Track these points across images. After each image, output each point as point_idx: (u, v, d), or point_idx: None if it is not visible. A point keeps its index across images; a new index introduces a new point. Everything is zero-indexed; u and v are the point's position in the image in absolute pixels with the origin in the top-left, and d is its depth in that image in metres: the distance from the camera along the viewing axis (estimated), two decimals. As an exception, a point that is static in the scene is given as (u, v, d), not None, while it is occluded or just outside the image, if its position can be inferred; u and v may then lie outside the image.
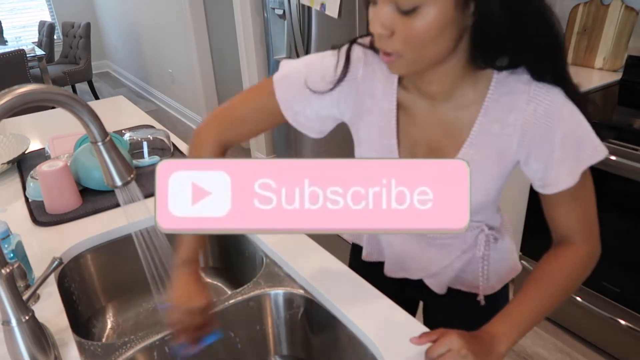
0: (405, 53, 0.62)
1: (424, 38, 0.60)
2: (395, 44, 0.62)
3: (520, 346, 1.88)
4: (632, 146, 1.49)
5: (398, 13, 0.59)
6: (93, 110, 0.64)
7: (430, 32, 0.59)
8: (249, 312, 0.95)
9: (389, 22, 0.60)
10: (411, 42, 0.61)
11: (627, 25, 1.93)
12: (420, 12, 0.58)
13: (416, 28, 0.59)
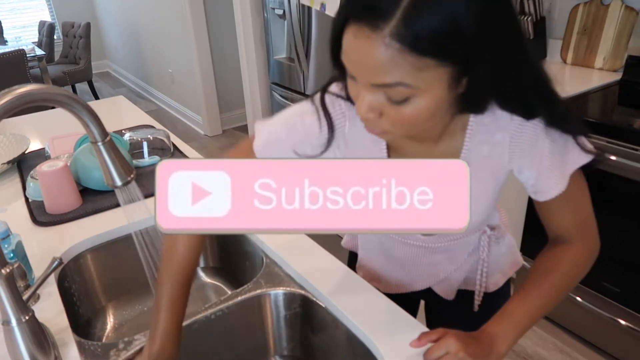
0: (395, 132, 0.60)
1: (416, 121, 0.57)
2: (384, 125, 0.59)
3: (520, 346, 1.88)
4: (632, 146, 1.49)
5: (388, 101, 0.56)
6: (93, 110, 0.64)
7: (423, 116, 0.57)
8: (249, 312, 0.95)
9: (376, 105, 0.57)
10: (403, 126, 0.58)
11: (627, 25, 1.93)
12: (411, 102, 0.55)
13: (408, 115, 0.56)
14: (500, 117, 0.67)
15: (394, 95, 0.55)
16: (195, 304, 1.17)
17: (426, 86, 0.53)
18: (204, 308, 0.91)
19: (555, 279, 0.75)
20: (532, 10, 2.15)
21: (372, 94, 0.56)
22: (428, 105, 0.55)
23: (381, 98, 0.56)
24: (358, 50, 0.53)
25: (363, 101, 0.57)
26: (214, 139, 4.15)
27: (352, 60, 0.55)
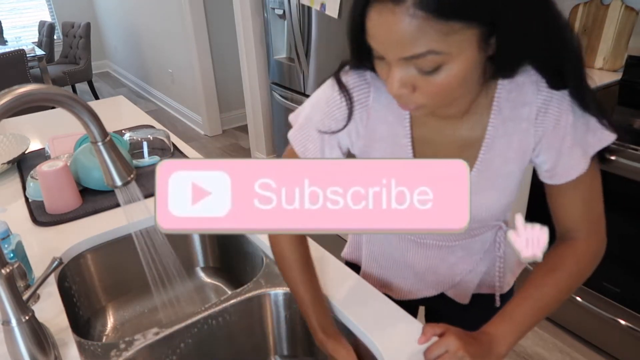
0: (430, 103, 0.59)
1: (450, 89, 0.57)
2: (419, 99, 0.59)
3: (521, 346, 1.88)
4: (632, 146, 1.49)
5: (420, 74, 0.56)
6: (93, 110, 0.64)
7: (456, 82, 0.56)
8: (249, 312, 0.95)
9: (409, 81, 0.57)
10: (437, 96, 0.58)
11: (627, 25, 1.93)
12: (443, 69, 0.55)
13: (441, 84, 0.56)
14: (527, 90, 0.66)
15: (425, 66, 0.54)
16: (195, 304, 1.17)
17: (457, 51, 0.53)
18: (204, 308, 0.91)
19: (559, 279, 0.73)
20: (532, 10, 2.14)
21: (402, 69, 0.56)
22: (460, 69, 0.55)
23: (412, 71, 0.56)
24: (385, 27, 0.53)
25: (394, 78, 0.57)
26: (214, 139, 4.15)
27: (379, 39, 0.55)
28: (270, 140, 3.43)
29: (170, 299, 1.11)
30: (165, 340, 0.86)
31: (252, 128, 3.49)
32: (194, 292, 1.22)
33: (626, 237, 1.59)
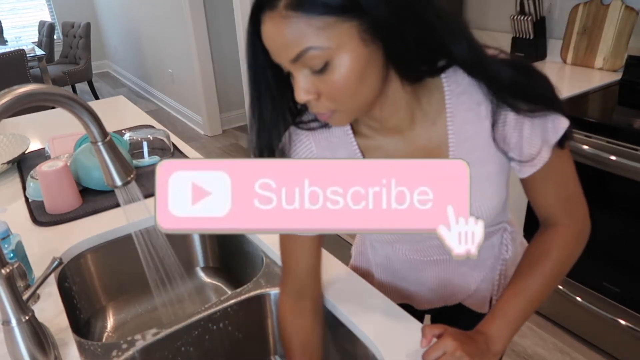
0: (339, 106, 0.60)
1: (349, 86, 0.58)
2: (326, 103, 0.60)
3: (520, 346, 1.88)
4: (632, 146, 1.49)
5: (314, 75, 0.57)
6: (93, 110, 0.64)
7: (352, 78, 0.57)
8: (249, 312, 0.95)
9: (309, 86, 0.58)
10: (339, 96, 0.59)
11: (627, 25, 1.93)
12: (333, 66, 0.56)
13: (337, 81, 0.57)
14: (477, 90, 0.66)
15: (314, 64, 0.56)
16: (195, 304, 1.17)
17: (337, 44, 0.54)
18: (204, 308, 0.91)
19: (546, 268, 0.73)
20: (532, 10, 2.15)
21: (300, 75, 0.58)
22: (349, 64, 0.56)
23: (307, 74, 0.57)
24: (269, 35, 0.57)
25: (297, 87, 0.59)
26: (214, 139, 4.15)
27: (271, 48, 0.58)
28: (270, 140, 3.42)
29: (170, 299, 1.11)
30: (165, 340, 0.86)
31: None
32: (194, 292, 1.22)
33: (626, 237, 1.59)
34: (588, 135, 1.59)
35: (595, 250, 1.69)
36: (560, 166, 0.71)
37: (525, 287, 0.72)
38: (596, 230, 1.82)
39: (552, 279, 0.73)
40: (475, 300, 0.93)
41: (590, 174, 1.61)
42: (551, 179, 0.71)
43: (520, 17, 2.18)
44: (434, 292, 0.93)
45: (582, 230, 0.75)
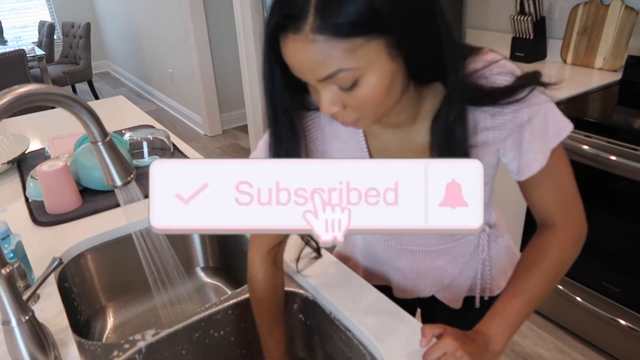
0: (365, 115, 0.62)
1: (376, 101, 0.59)
2: (352, 114, 0.61)
3: (520, 346, 1.88)
4: (632, 146, 1.49)
5: (342, 91, 0.58)
6: (93, 110, 0.64)
7: (380, 93, 0.58)
8: (249, 312, 0.95)
9: (336, 99, 0.59)
10: (366, 108, 0.60)
11: (627, 25, 1.93)
12: (362, 83, 0.56)
13: (365, 96, 0.58)
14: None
15: (343, 83, 0.56)
16: (195, 304, 1.17)
17: (366, 64, 0.55)
18: (204, 308, 0.91)
19: (544, 269, 0.73)
20: (532, 10, 2.15)
21: (326, 90, 0.58)
22: (378, 80, 0.57)
23: (335, 90, 0.58)
24: (294, 56, 0.56)
25: (322, 101, 0.59)
26: (214, 139, 4.15)
27: (294, 68, 0.57)
28: (270, 140, 3.42)
29: (170, 299, 1.11)
30: (165, 340, 0.86)
31: (252, 128, 3.49)
32: (194, 292, 1.22)
33: (626, 237, 1.59)
34: (588, 135, 1.59)
35: (595, 250, 1.69)
36: (557, 168, 0.71)
37: (524, 287, 0.73)
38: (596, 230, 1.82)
39: (551, 279, 0.74)
40: (449, 294, 0.95)
41: (590, 174, 1.61)
42: (549, 180, 0.72)
43: (520, 17, 2.18)
44: (408, 281, 0.94)
45: (579, 231, 0.76)
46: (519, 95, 0.64)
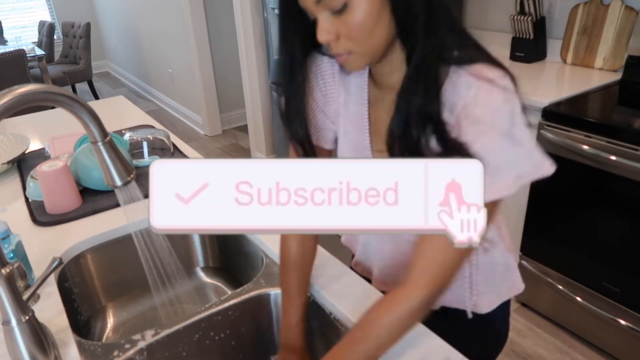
0: (355, 48, 0.66)
1: (365, 29, 0.63)
2: (344, 44, 0.65)
3: (520, 346, 1.88)
4: (632, 146, 1.49)
5: (334, 16, 0.63)
6: (93, 110, 0.64)
7: (368, 19, 0.63)
8: (249, 312, 0.95)
9: (330, 26, 0.64)
10: (356, 37, 0.64)
11: (627, 25, 1.93)
12: (352, 7, 0.62)
13: (355, 22, 0.63)
14: (461, 87, 0.66)
15: (334, 5, 0.62)
16: (195, 304, 1.17)
17: None
18: (204, 308, 0.91)
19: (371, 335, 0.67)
20: (532, 10, 2.15)
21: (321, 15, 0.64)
22: (366, 6, 0.62)
23: (329, 16, 0.63)
24: None
25: (320, 28, 0.64)
26: (214, 139, 4.15)
27: None
28: (271, 140, 3.43)
29: (170, 299, 1.11)
30: (165, 340, 0.86)
31: (252, 128, 3.49)
32: (194, 292, 1.22)
33: (626, 237, 1.59)
34: (588, 135, 1.59)
35: (595, 250, 1.69)
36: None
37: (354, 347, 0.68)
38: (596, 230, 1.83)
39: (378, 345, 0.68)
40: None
41: (590, 174, 1.61)
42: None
43: (520, 17, 2.18)
44: (389, 271, 0.93)
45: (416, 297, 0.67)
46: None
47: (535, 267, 1.92)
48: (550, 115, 1.72)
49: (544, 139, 1.72)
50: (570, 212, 1.73)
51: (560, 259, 1.83)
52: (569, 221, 1.74)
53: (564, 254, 1.81)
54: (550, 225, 1.82)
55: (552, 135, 1.68)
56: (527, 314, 2.02)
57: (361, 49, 0.66)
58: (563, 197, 1.74)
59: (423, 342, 0.77)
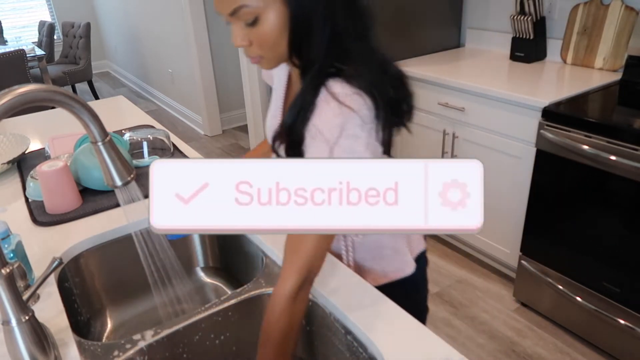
0: (265, 54, 0.76)
1: (272, 38, 0.73)
2: (256, 50, 0.76)
3: (520, 346, 1.88)
4: (632, 146, 1.49)
5: (247, 27, 0.73)
6: (93, 110, 0.64)
7: (275, 32, 0.73)
8: (249, 312, 0.95)
9: (244, 35, 0.74)
10: (265, 45, 0.75)
11: (627, 25, 1.93)
12: (262, 21, 0.71)
13: (264, 33, 0.73)
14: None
15: (246, 18, 0.71)
16: (195, 304, 1.17)
17: (264, 4, 0.70)
18: (204, 308, 0.91)
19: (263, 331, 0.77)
20: (532, 10, 2.15)
21: (236, 26, 0.73)
22: (274, 20, 0.71)
23: (242, 26, 0.73)
24: None
25: (234, 35, 0.75)
26: (214, 139, 4.15)
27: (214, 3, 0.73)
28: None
29: (170, 299, 1.11)
30: (165, 340, 0.86)
31: (252, 128, 3.49)
32: (194, 292, 1.22)
33: (626, 237, 1.59)
34: (588, 135, 1.59)
35: (595, 250, 1.70)
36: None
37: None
38: (596, 230, 1.83)
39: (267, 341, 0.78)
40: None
41: (590, 174, 1.61)
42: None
43: (520, 17, 2.18)
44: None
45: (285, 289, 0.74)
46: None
47: (535, 267, 1.92)
48: (550, 115, 1.72)
49: (544, 138, 1.72)
50: (570, 212, 1.73)
51: (560, 259, 1.83)
52: (569, 221, 1.74)
53: (564, 254, 1.81)
54: (550, 225, 1.82)
55: (552, 135, 1.69)
56: (527, 314, 2.02)
57: (269, 54, 0.77)
58: (563, 197, 1.74)
59: (423, 342, 0.77)
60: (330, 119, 0.71)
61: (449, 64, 2.35)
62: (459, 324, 2.01)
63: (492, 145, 1.98)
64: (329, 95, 0.72)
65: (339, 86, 0.72)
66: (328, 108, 0.71)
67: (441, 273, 2.30)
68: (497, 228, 2.07)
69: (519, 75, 2.12)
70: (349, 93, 0.71)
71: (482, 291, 2.17)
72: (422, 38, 2.51)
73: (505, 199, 1.98)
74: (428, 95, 2.21)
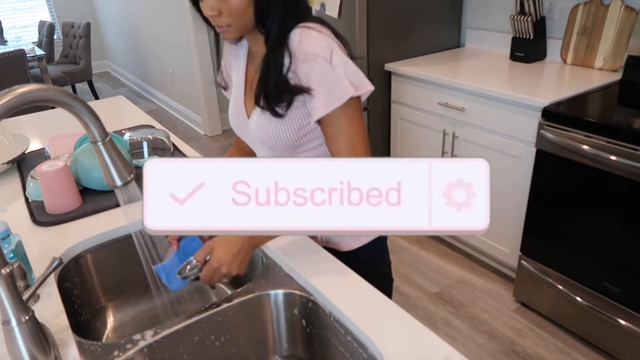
0: (233, 22, 0.88)
1: (240, 9, 0.85)
2: (225, 19, 0.87)
3: (520, 346, 1.88)
4: (632, 146, 1.49)
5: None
6: (93, 110, 0.64)
7: (242, 3, 0.85)
8: (249, 312, 0.95)
9: (214, 5, 0.86)
10: (234, 14, 0.86)
11: (627, 25, 1.93)
12: None
13: (233, 3, 0.85)
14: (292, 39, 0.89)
15: None
16: (195, 304, 1.17)
17: None
18: (204, 308, 0.91)
19: None
20: (532, 10, 2.15)
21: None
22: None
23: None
24: None
25: (205, 5, 0.87)
26: (213, 139, 4.15)
27: None
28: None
29: (170, 299, 1.11)
30: (165, 340, 0.86)
31: (252, 128, 3.49)
32: (194, 292, 1.22)
33: (626, 237, 1.59)
34: (588, 135, 1.59)
35: (595, 250, 1.69)
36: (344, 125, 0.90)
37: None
38: (596, 230, 1.83)
39: None
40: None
41: (590, 174, 1.61)
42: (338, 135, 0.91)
43: (520, 17, 2.18)
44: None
45: None
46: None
47: (535, 267, 1.92)
48: (550, 115, 1.72)
49: (544, 138, 1.72)
50: (570, 212, 1.73)
51: (560, 259, 1.83)
52: (569, 221, 1.74)
53: (564, 254, 1.81)
54: (550, 225, 1.82)
55: (552, 135, 1.69)
56: (527, 314, 2.02)
57: (237, 23, 0.88)
58: (563, 197, 1.74)
59: (423, 342, 0.77)
60: (319, 42, 0.86)
61: (449, 64, 2.35)
62: (458, 323, 2.01)
63: (492, 145, 1.98)
64: (306, 29, 0.87)
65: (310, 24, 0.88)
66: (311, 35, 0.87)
67: (441, 273, 2.30)
68: (497, 228, 2.07)
69: (519, 75, 2.12)
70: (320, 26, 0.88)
71: (482, 291, 2.17)
72: (422, 38, 2.51)
73: (505, 199, 1.98)
74: (428, 95, 2.21)
